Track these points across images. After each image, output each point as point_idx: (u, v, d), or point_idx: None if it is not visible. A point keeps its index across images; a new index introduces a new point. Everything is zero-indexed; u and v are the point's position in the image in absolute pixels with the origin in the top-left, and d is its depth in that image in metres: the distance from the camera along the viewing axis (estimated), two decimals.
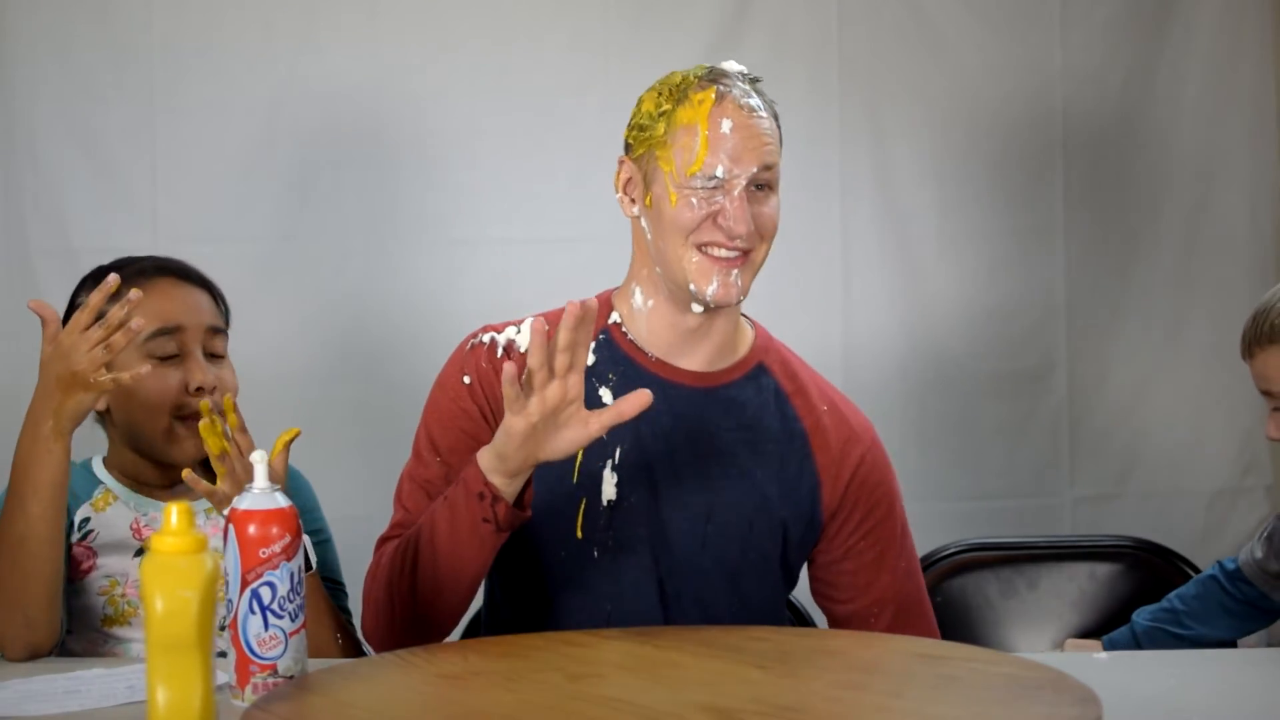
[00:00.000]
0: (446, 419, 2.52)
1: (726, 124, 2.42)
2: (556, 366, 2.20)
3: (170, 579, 1.78)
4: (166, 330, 2.62)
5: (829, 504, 2.56)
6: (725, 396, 2.55)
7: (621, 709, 1.81)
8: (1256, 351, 2.68)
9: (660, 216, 2.46)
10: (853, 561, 2.58)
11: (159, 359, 2.61)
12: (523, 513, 2.33)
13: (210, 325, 2.68)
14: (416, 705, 1.92)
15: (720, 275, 2.45)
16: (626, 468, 2.50)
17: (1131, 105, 3.79)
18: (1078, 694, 1.83)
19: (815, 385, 2.62)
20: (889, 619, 2.58)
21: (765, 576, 2.57)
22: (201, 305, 2.69)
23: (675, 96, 2.47)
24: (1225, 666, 2.41)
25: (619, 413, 2.26)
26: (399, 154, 3.69)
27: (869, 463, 2.58)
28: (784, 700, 1.87)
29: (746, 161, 2.42)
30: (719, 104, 2.44)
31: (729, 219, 2.42)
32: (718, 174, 2.42)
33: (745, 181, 2.43)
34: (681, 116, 2.45)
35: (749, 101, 2.46)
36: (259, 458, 2.04)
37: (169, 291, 2.66)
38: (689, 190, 2.43)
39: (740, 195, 2.42)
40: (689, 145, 2.43)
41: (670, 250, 2.46)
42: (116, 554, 2.62)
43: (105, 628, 2.59)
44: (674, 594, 2.51)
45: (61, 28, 3.60)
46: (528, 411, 2.21)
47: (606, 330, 2.55)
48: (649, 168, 2.48)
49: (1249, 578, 2.83)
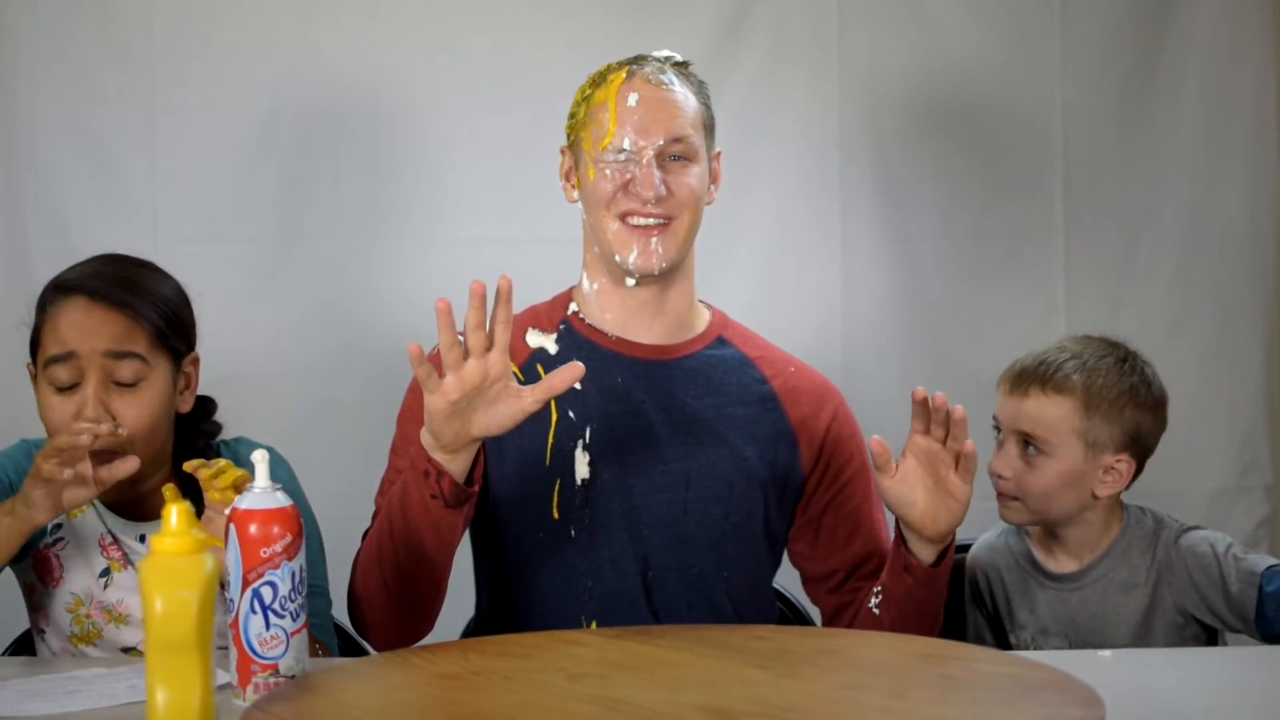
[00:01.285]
0: (416, 417, 2.54)
1: (633, 97, 2.57)
2: (471, 346, 2.23)
3: (170, 580, 1.78)
4: (58, 357, 2.47)
5: (807, 460, 2.64)
6: (689, 367, 2.64)
7: (622, 709, 1.81)
8: (1033, 392, 2.71)
9: (586, 193, 2.61)
10: (832, 515, 2.66)
11: (58, 388, 2.47)
12: (469, 488, 2.36)
13: (109, 350, 2.47)
14: (417, 705, 1.92)
15: (639, 243, 2.56)
16: (598, 445, 2.57)
17: (1131, 105, 3.79)
18: (1081, 694, 1.82)
19: (779, 352, 2.73)
20: (873, 568, 2.65)
21: (749, 542, 2.63)
22: (103, 330, 2.47)
23: (595, 82, 2.63)
24: (1229, 666, 2.41)
25: (550, 386, 2.30)
26: (399, 154, 3.69)
27: (841, 416, 2.68)
28: (785, 701, 1.86)
29: (653, 133, 2.56)
30: (628, 81, 2.59)
31: (638, 184, 2.54)
32: (625, 146, 2.55)
33: (653, 152, 2.55)
34: (597, 96, 2.60)
35: (660, 77, 2.59)
36: (260, 457, 2.04)
37: (70, 315, 2.48)
38: (603, 163, 2.57)
39: (649, 163, 2.55)
40: (601, 121, 2.57)
41: (597, 224, 2.59)
42: (81, 572, 2.55)
43: (74, 644, 2.56)
44: (657, 568, 2.57)
45: (62, 28, 3.60)
46: (444, 390, 2.25)
47: (566, 320, 2.67)
48: (578, 151, 2.63)
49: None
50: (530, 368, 2.60)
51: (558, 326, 2.65)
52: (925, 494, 2.43)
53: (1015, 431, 2.74)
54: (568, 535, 2.56)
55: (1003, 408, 2.77)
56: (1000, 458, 2.76)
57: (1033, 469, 2.72)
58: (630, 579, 2.56)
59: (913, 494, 2.43)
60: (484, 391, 2.26)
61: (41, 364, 2.50)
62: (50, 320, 2.51)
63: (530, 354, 2.62)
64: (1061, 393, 2.70)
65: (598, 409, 2.58)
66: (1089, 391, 2.70)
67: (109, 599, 2.55)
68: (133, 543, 2.57)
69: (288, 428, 3.60)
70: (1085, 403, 2.70)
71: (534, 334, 2.64)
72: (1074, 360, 2.72)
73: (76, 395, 2.47)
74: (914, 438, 2.44)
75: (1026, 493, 2.72)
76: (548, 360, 2.60)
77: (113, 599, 2.55)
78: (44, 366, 2.49)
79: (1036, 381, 2.72)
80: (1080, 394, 2.70)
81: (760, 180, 3.69)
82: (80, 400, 2.46)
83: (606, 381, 2.59)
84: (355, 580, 2.54)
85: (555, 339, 2.64)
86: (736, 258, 3.70)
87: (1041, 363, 2.73)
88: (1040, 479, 2.71)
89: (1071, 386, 2.70)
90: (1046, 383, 2.71)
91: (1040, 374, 2.72)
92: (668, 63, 2.63)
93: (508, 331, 2.25)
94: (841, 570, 2.65)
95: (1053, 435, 2.70)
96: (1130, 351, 2.78)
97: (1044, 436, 2.70)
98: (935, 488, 2.43)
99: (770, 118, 3.73)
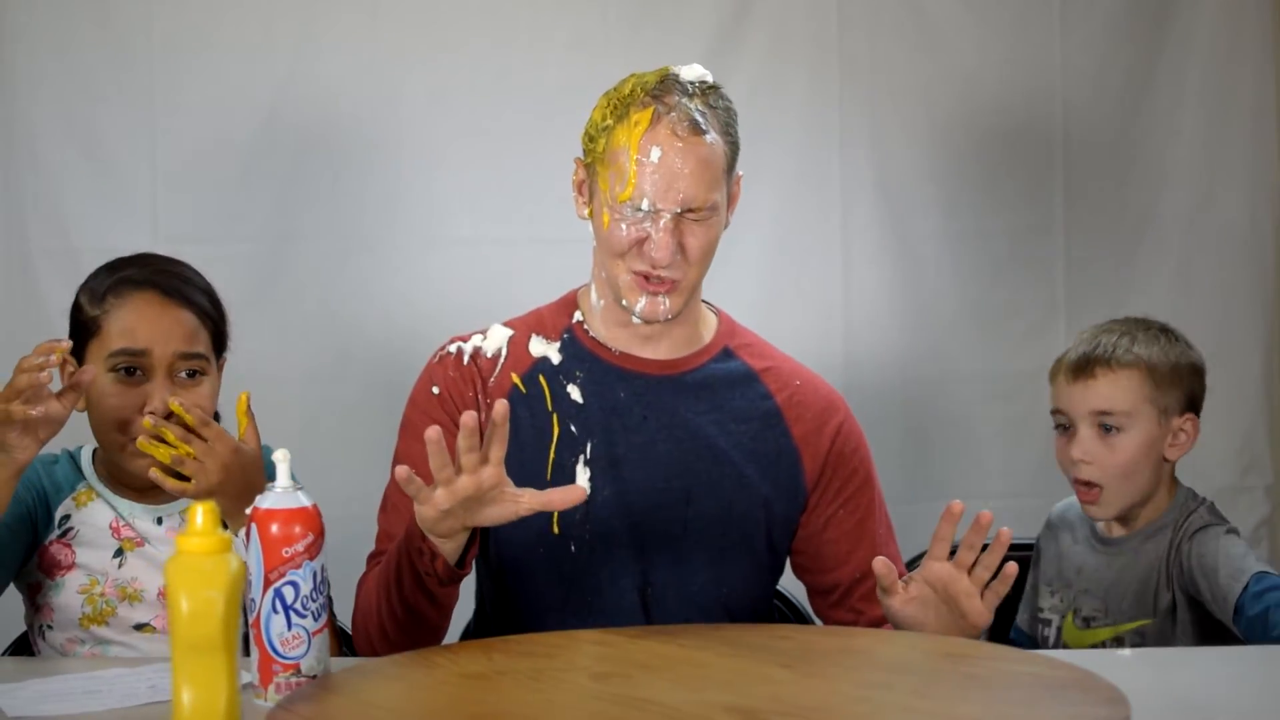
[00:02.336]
0: (420, 432, 2.51)
1: (656, 152, 2.42)
2: (465, 465, 2.16)
3: (195, 579, 1.77)
4: (131, 352, 2.55)
5: (811, 475, 2.61)
6: (693, 382, 2.60)
7: (646, 708, 1.80)
8: (1100, 373, 2.78)
9: (598, 230, 2.52)
10: (834, 530, 2.62)
11: (119, 374, 2.55)
12: (461, 570, 2.34)
13: (180, 351, 2.57)
14: (440, 705, 1.91)
15: (646, 297, 2.50)
16: (598, 461, 2.54)
17: (1131, 105, 3.80)
18: (1105, 694, 1.82)
19: (785, 362, 2.68)
20: (872, 584, 2.59)
21: (749, 558, 2.60)
22: (176, 331, 2.58)
23: (618, 111, 2.47)
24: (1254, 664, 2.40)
25: (547, 501, 2.24)
26: (399, 154, 3.69)
27: (846, 431, 2.64)
28: (809, 700, 1.86)
29: (670, 198, 2.43)
30: (652, 128, 2.43)
31: (653, 248, 2.45)
32: (643, 207, 2.44)
33: (670, 217, 2.44)
34: (618, 137, 2.46)
35: (685, 126, 2.43)
36: (282, 456, 2.03)
37: (143, 310, 2.58)
38: (619, 214, 2.46)
39: (666, 226, 2.44)
40: (621, 170, 2.45)
41: (607, 264, 2.52)
42: (95, 551, 2.59)
43: (85, 627, 2.58)
44: (656, 585, 2.55)
45: (62, 28, 3.60)
46: (434, 502, 2.20)
47: (570, 329, 2.61)
48: (593, 179, 2.52)
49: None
50: (533, 378, 2.57)
51: (561, 335, 2.61)
52: (937, 619, 2.33)
53: (1089, 414, 2.79)
54: (568, 550, 2.54)
55: (1068, 396, 2.81)
56: (1077, 445, 2.80)
57: (1112, 448, 2.78)
58: (629, 595, 2.55)
59: (923, 618, 2.33)
60: (479, 498, 2.21)
61: (106, 354, 2.55)
62: (118, 312, 2.57)
63: (534, 363, 2.59)
64: (1127, 367, 2.77)
65: (599, 424, 2.55)
66: (1150, 361, 2.78)
67: (124, 576, 2.58)
68: (145, 525, 2.59)
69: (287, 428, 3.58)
70: (1150, 371, 2.78)
71: (538, 342, 2.60)
72: (1125, 338, 2.81)
73: (140, 386, 2.55)
74: (931, 565, 2.31)
75: (1108, 473, 2.78)
76: (550, 371, 2.58)
77: (127, 576, 2.58)
78: (109, 356, 2.55)
79: (1100, 363, 2.78)
80: (1144, 364, 2.78)
81: (760, 180, 3.67)
82: (145, 392, 2.55)
83: (609, 396, 2.57)
84: (357, 617, 2.54)
85: (559, 348, 2.59)
86: (736, 257, 3.68)
87: (1096, 345, 2.80)
88: (1121, 455, 2.77)
89: (1134, 359, 2.78)
90: (1110, 361, 2.78)
91: (1100, 356, 2.79)
92: (697, 91, 2.48)
93: (503, 448, 2.18)
94: (843, 584, 2.63)
95: (1129, 406, 2.77)
96: (1164, 324, 2.88)
97: (1121, 410, 2.77)
98: (949, 613, 2.32)
99: (770, 117, 3.72)
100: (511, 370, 2.57)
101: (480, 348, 2.59)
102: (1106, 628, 2.81)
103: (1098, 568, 2.83)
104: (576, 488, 2.26)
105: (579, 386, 2.56)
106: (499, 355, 2.59)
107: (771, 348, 2.70)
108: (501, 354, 2.59)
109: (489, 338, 2.60)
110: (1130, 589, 2.78)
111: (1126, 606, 2.78)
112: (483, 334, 2.61)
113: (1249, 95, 3.81)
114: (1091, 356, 2.79)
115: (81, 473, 2.65)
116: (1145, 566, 2.78)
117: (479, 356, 2.58)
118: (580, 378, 2.57)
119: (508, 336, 2.60)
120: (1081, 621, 2.84)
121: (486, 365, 2.57)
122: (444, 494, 2.18)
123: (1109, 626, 2.81)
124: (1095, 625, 2.83)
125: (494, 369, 2.57)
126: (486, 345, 2.59)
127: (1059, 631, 2.86)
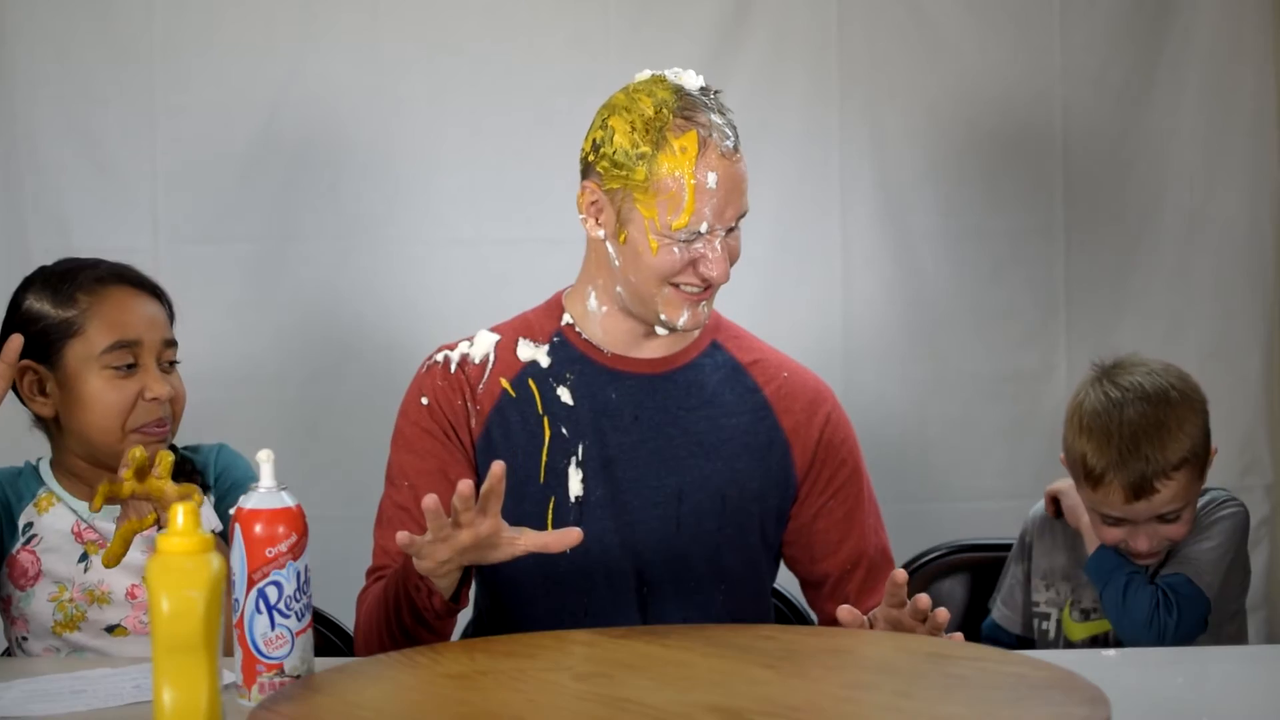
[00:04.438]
0: (412, 443, 2.59)
1: (712, 177, 2.43)
2: (462, 522, 2.16)
3: (176, 579, 1.77)
4: (125, 344, 2.59)
5: (801, 465, 2.62)
6: (683, 379, 2.61)
7: (629, 709, 1.81)
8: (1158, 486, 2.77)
9: (637, 257, 2.49)
10: (824, 520, 2.63)
11: (115, 369, 2.58)
12: (456, 605, 2.35)
13: (165, 338, 2.64)
14: (423, 705, 1.92)
15: (690, 308, 2.51)
16: (590, 462, 2.55)
17: (1131, 105, 3.78)
18: (1086, 694, 1.83)
19: (772, 355, 2.69)
20: (862, 574, 2.64)
21: (745, 553, 2.62)
22: (157, 318, 2.65)
23: (653, 138, 2.45)
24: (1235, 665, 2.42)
25: (544, 544, 2.23)
26: (399, 154, 3.69)
27: (834, 421, 2.65)
28: (793, 700, 1.87)
29: (729, 215, 2.47)
30: (703, 154, 2.44)
31: (709, 267, 2.47)
32: (702, 230, 2.45)
33: (724, 233, 2.47)
34: (664, 164, 2.44)
35: (727, 144, 2.46)
36: (265, 456, 2.04)
37: (125, 302, 2.63)
38: (671, 239, 2.46)
39: (721, 243, 2.47)
40: (676, 197, 2.44)
41: (644, 288, 2.51)
42: (59, 558, 2.60)
43: (58, 634, 2.59)
44: (652, 583, 2.57)
45: (62, 28, 3.60)
46: (433, 556, 2.20)
47: (560, 332, 2.61)
48: (624, 205, 2.49)
49: None
50: (522, 382, 2.58)
51: (551, 338, 2.61)
52: None
53: (1153, 518, 2.81)
54: (562, 552, 2.54)
55: (1131, 511, 2.79)
56: (1142, 540, 2.81)
57: (1175, 527, 2.82)
58: (624, 595, 2.56)
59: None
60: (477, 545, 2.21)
61: (97, 351, 2.58)
62: (99, 308, 2.60)
63: (522, 368, 2.59)
64: (1180, 469, 2.78)
65: (590, 425, 2.56)
66: (1194, 451, 2.80)
67: (90, 580, 2.59)
68: (106, 525, 2.60)
69: (287, 428, 3.61)
70: (1194, 461, 2.80)
71: (525, 345, 2.60)
72: (1164, 432, 2.78)
73: (134, 378, 2.59)
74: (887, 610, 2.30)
75: (1167, 544, 2.84)
76: (540, 374, 2.58)
77: (94, 579, 2.59)
78: (102, 353, 2.58)
79: (1155, 476, 2.77)
80: (1190, 459, 2.79)
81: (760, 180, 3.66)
82: (141, 381, 2.59)
83: (600, 398, 2.57)
84: (359, 635, 2.54)
85: (548, 351, 2.60)
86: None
87: (1143, 458, 2.77)
88: (1181, 530, 2.83)
89: (1181, 459, 2.78)
90: (1161, 474, 2.77)
91: (1154, 471, 2.77)
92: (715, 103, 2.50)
93: (500, 502, 2.17)
94: (833, 575, 2.64)
95: (1184, 500, 2.80)
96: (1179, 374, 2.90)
97: (1179, 507, 2.80)
98: None
99: (770, 117, 3.71)
100: (500, 375, 2.58)
101: (468, 354, 2.60)
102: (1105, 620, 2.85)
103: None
104: (573, 530, 2.24)
105: (569, 389, 2.57)
106: (486, 361, 2.59)
107: (758, 340, 2.71)
108: (489, 360, 2.59)
109: (475, 344, 2.61)
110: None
111: None
112: (469, 340, 2.62)
113: (1249, 95, 3.79)
114: (1143, 472, 2.76)
115: (41, 479, 2.65)
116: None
117: (466, 363, 2.59)
118: (570, 380, 2.58)
119: (494, 342, 2.61)
120: (1079, 614, 2.85)
121: (474, 372, 2.58)
122: (443, 549, 2.18)
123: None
124: (1095, 617, 2.85)
125: (482, 375, 2.58)
126: (474, 351, 2.60)
127: (1059, 625, 2.88)
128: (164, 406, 2.60)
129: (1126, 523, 2.80)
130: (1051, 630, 2.89)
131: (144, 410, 2.58)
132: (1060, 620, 2.89)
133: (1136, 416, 2.79)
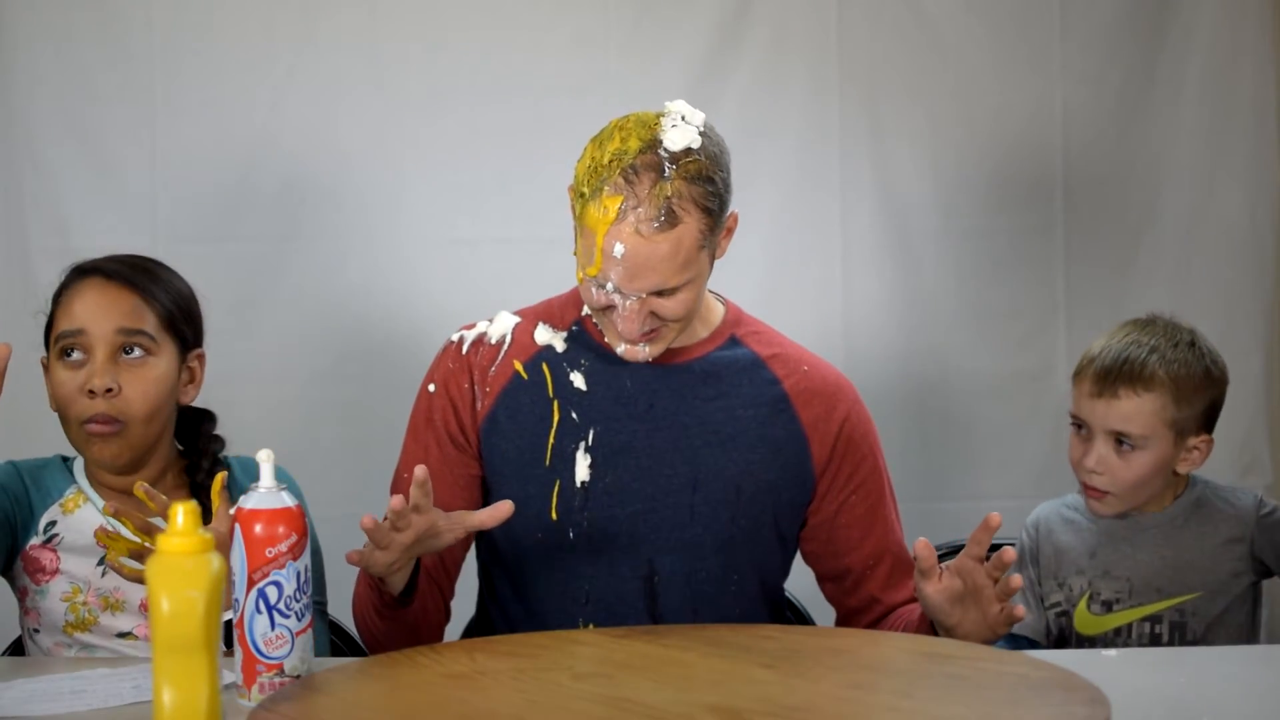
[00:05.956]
0: (417, 430, 2.64)
1: (619, 249, 2.42)
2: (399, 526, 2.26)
3: (176, 579, 1.77)
4: (69, 333, 2.59)
5: (819, 460, 2.62)
6: (700, 369, 2.62)
7: (629, 709, 1.81)
8: (1123, 393, 2.78)
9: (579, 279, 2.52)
10: (846, 515, 2.64)
11: (65, 360, 2.59)
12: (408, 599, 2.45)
13: (120, 327, 2.59)
14: (423, 705, 1.92)
15: (627, 345, 2.52)
16: (601, 449, 2.57)
17: (1131, 105, 3.78)
18: (1087, 694, 1.83)
19: (793, 349, 2.70)
20: (887, 569, 2.65)
21: (758, 545, 2.62)
22: (114, 308, 2.60)
23: (594, 185, 2.44)
24: (1235, 665, 2.41)
25: (480, 522, 2.33)
26: (399, 153, 3.69)
27: (855, 417, 2.66)
28: (792, 700, 1.87)
29: (639, 286, 2.44)
30: (618, 223, 2.41)
31: (620, 322, 2.48)
32: (607, 288, 2.45)
33: (635, 299, 2.46)
34: (591, 214, 2.44)
35: (649, 226, 2.40)
36: (265, 456, 2.04)
37: (84, 292, 2.63)
38: (590, 280, 2.47)
39: (633, 305, 2.46)
40: (589, 249, 2.44)
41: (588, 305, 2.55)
42: (79, 558, 2.60)
43: (69, 633, 2.59)
44: (663, 573, 2.57)
45: (61, 26, 3.61)
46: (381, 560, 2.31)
47: (580, 321, 2.64)
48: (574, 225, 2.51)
49: None
50: (536, 365, 2.60)
51: (570, 326, 2.64)
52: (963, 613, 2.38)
53: (1107, 431, 2.80)
54: (565, 537, 2.56)
55: (1090, 409, 2.82)
56: (1092, 454, 2.82)
57: (1126, 462, 2.80)
58: (630, 584, 2.56)
59: (950, 609, 2.37)
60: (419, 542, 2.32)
61: (53, 341, 2.60)
62: (65, 300, 2.63)
63: (537, 351, 2.62)
64: (1151, 389, 2.78)
65: (603, 412, 2.58)
66: (1176, 384, 2.79)
67: (106, 585, 2.59)
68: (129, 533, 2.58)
69: (288, 428, 3.61)
70: (1174, 395, 2.79)
71: (544, 330, 2.63)
72: (1154, 354, 2.80)
73: (84, 368, 2.57)
74: (965, 560, 2.36)
75: (1120, 485, 2.81)
76: (554, 358, 2.60)
77: (109, 585, 2.59)
78: (55, 342, 2.60)
79: (1125, 381, 2.79)
80: (1169, 388, 2.79)
81: (760, 179, 3.68)
82: (89, 371, 2.57)
83: (614, 384, 2.59)
84: (357, 622, 2.61)
85: (565, 337, 2.62)
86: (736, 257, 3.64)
87: (1124, 361, 2.80)
88: (1134, 470, 2.81)
89: (1160, 381, 2.78)
90: (1135, 381, 2.78)
91: (1127, 373, 2.79)
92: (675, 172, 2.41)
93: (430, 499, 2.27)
94: (855, 569, 2.64)
95: (1147, 430, 2.79)
96: (1191, 330, 2.88)
97: (1139, 433, 2.79)
98: (976, 611, 2.37)
99: (770, 116, 3.72)
100: (515, 357, 2.61)
101: (485, 334, 2.63)
102: (1135, 608, 2.83)
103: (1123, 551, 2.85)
104: (504, 504, 2.33)
105: (583, 374, 2.59)
106: (503, 343, 2.62)
107: (779, 335, 2.72)
108: (506, 340, 2.62)
109: (495, 324, 2.65)
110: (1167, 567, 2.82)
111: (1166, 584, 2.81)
112: (489, 320, 2.66)
113: (1249, 95, 3.79)
114: (1117, 372, 2.79)
115: (73, 476, 2.65)
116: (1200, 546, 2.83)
117: (482, 343, 2.63)
118: (585, 366, 2.60)
119: (514, 324, 2.65)
120: (1101, 606, 2.83)
121: (488, 353, 2.62)
122: (386, 555, 2.29)
123: (1137, 607, 2.82)
124: (1119, 608, 2.84)
125: (496, 356, 2.61)
126: (492, 331, 2.64)
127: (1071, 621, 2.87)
128: (111, 403, 2.56)
129: (1088, 431, 2.82)
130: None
131: (85, 404, 2.57)
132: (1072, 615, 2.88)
133: (1148, 339, 2.83)
